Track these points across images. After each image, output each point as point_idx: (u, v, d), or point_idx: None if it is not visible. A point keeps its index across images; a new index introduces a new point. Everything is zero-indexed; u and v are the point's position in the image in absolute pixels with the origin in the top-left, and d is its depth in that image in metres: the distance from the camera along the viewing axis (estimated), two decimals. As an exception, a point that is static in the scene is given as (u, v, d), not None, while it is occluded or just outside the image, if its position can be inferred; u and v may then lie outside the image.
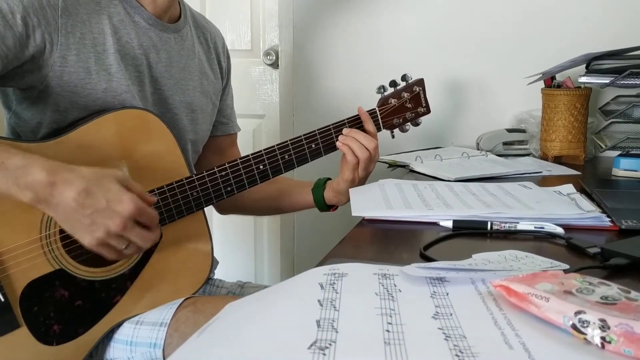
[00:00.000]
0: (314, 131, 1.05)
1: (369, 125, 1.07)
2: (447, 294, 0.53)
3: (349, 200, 1.10)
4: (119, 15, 0.95)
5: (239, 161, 1.00)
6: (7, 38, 0.81)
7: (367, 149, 1.03)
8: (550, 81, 1.41)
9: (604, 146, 1.30)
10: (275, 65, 1.86)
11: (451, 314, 0.48)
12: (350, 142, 1.04)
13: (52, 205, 0.77)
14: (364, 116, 1.08)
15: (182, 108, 1.05)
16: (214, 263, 1.07)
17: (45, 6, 0.85)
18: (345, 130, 1.06)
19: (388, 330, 0.45)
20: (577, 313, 0.45)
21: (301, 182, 1.23)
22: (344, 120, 1.07)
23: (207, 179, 0.97)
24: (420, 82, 1.15)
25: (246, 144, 1.85)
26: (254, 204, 1.22)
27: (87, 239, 0.80)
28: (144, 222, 0.83)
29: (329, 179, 1.16)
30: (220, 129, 1.20)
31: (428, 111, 1.16)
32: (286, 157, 1.03)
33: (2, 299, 0.83)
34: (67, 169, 0.79)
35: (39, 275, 0.85)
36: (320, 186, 1.15)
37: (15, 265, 0.84)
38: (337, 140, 1.05)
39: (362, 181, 1.08)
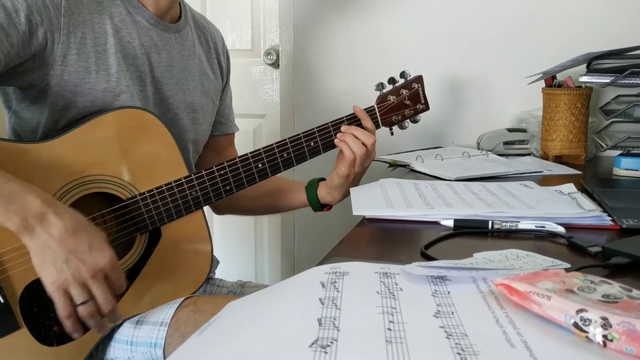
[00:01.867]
0: (313, 129, 1.05)
1: (367, 122, 1.07)
2: (449, 292, 0.53)
3: (342, 198, 1.10)
4: (121, 16, 0.95)
5: (237, 160, 0.99)
6: (11, 36, 0.81)
7: (364, 144, 1.03)
8: (550, 81, 1.41)
9: (604, 146, 1.30)
10: (275, 65, 1.86)
11: (452, 313, 0.48)
12: (348, 138, 1.04)
13: (34, 234, 0.74)
14: (361, 114, 1.08)
15: (183, 108, 1.05)
16: (214, 262, 1.07)
17: (49, 5, 0.85)
18: (343, 127, 1.06)
19: (389, 329, 0.45)
20: (579, 311, 0.45)
21: (297, 181, 1.23)
22: (342, 117, 1.07)
23: (206, 179, 0.97)
24: (419, 79, 1.14)
25: (247, 144, 1.85)
26: (251, 203, 1.22)
27: (52, 277, 0.76)
28: (113, 281, 0.80)
29: (323, 179, 1.16)
30: (218, 129, 1.20)
31: (427, 108, 1.16)
32: (285, 155, 1.03)
33: (2, 300, 0.83)
34: (61, 205, 0.78)
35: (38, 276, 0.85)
36: (313, 184, 1.15)
37: (14, 266, 0.83)
38: (336, 137, 1.05)
39: (357, 177, 1.08)
